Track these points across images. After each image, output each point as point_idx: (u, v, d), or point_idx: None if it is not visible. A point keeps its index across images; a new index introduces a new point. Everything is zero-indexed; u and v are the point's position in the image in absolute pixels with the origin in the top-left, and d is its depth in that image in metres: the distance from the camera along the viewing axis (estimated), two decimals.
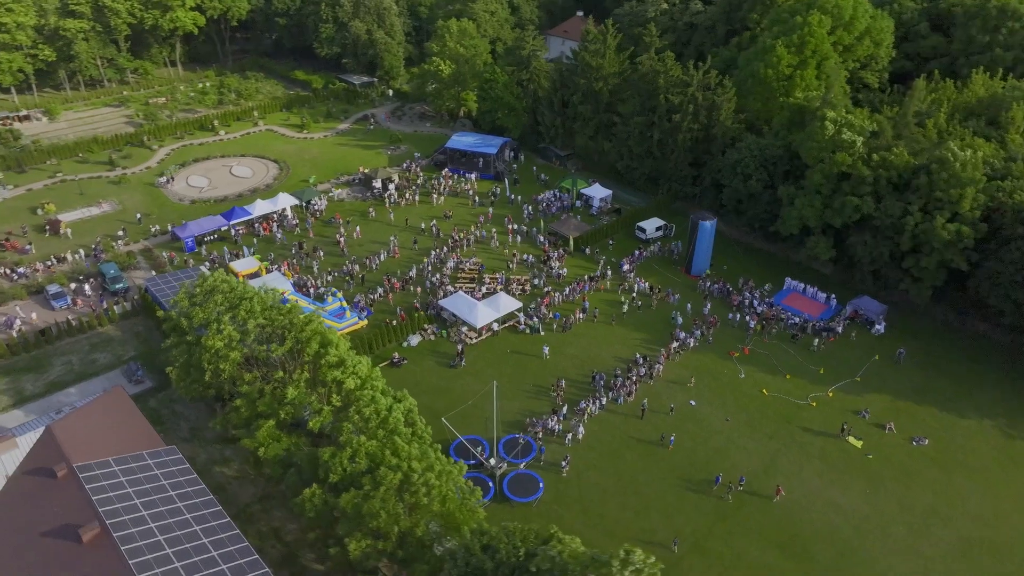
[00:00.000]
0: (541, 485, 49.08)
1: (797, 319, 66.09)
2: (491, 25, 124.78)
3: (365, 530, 37.13)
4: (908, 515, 48.17)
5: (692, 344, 63.14)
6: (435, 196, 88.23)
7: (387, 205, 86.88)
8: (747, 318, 66.30)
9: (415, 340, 63.96)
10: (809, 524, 47.51)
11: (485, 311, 64.28)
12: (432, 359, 62.24)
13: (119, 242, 78.20)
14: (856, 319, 66.42)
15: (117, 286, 70.10)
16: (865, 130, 67.28)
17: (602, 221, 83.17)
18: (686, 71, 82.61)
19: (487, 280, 71.45)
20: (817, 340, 63.44)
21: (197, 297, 51.89)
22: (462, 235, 78.97)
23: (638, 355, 61.78)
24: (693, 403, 57.11)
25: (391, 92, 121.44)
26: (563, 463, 50.75)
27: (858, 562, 45.03)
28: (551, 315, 66.72)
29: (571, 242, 77.10)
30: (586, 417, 55.15)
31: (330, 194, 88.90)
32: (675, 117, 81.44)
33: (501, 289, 69.87)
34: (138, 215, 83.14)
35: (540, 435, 53.37)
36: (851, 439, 53.71)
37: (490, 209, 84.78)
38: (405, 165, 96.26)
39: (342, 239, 78.81)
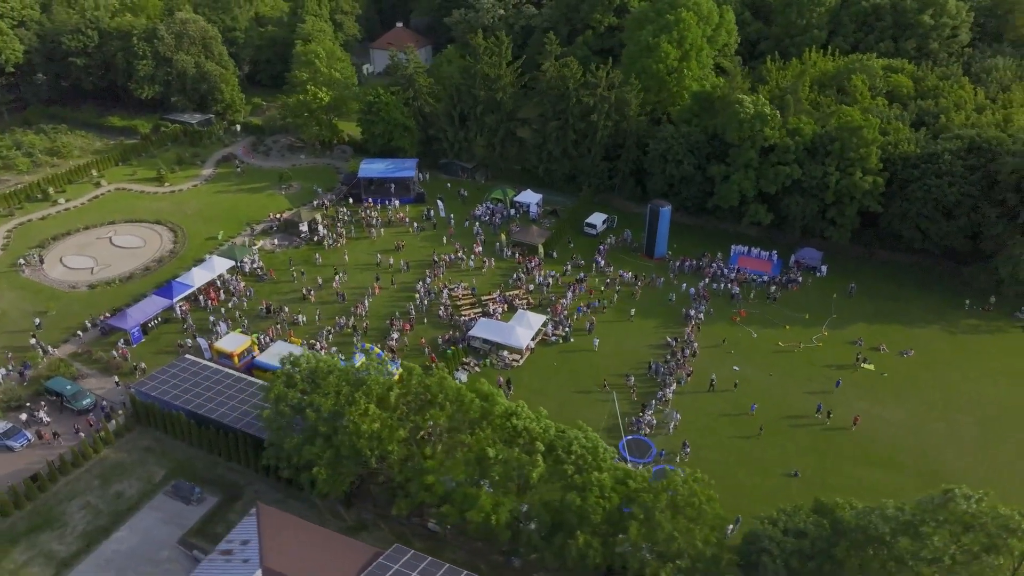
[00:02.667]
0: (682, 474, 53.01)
1: (764, 277, 76.56)
2: (323, 45, 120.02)
3: (662, 554, 38.49)
4: (937, 413, 60.27)
5: (701, 318, 70.45)
6: (372, 230, 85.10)
7: (326, 247, 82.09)
8: (727, 286, 75.29)
9: (463, 376, 63.17)
10: (880, 440, 57.43)
11: (522, 331, 65.48)
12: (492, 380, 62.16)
13: (39, 352, 65.13)
14: (800, 267, 78.65)
15: (84, 402, 59.08)
16: (773, 108, 79.18)
17: (545, 224, 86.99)
18: (591, 73, 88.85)
19: (489, 302, 72.05)
20: (774, 288, 74.32)
21: (303, 384, 47.25)
22: (441, 258, 78.48)
23: (668, 338, 67.67)
24: (736, 368, 64.49)
25: (238, 127, 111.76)
26: (685, 450, 55.08)
27: (931, 460, 55.68)
28: (576, 314, 69.97)
29: (540, 249, 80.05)
30: (670, 405, 59.82)
31: (253, 248, 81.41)
32: (593, 117, 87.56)
33: (505, 307, 71.20)
34: (36, 319, 69.31)
35: (647, 431, 57.05)
36: (865, 366, 64.99)
37: (451, 227, 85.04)
38: (317, 203, 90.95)
39: (310, 292, 73.54)
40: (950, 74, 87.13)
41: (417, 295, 73.37)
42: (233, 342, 64.12)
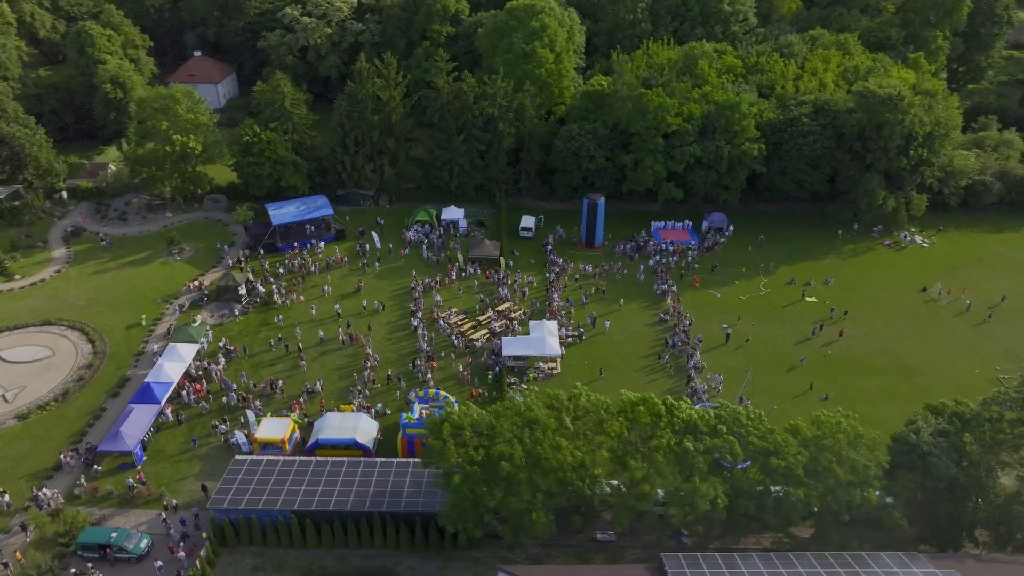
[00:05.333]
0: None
1: (693, 244, 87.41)
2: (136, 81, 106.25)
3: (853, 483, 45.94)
4: (875, 320, 75.78)
5: (675, 290, 79.07)
6: (326, 286, 79.90)
7: (280, 304, 75.78)
8: (672, 259, 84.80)
9: (519, 396, 64.38)
10: (858, 353, 70.97)
11: (551, 339, 68.23)
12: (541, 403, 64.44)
13: (44, 504, 52.95)
14: (712, 230, 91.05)
15: (142, 545, 50.35)
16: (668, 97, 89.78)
17: (478, 236, 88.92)
18: (483, 85, 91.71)
19: (492, 321, 73.26)
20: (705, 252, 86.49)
21: (476, 439, 46.41)
22: (420, 282, 78.22)
23: (661, 315, 75.28)
24: (725, 326, 74.19)
25: (64, 194, 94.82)
26: (744, 402, 63.20)
27: (899, 357, 70.50)
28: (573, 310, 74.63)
29: (501, 261, 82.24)
30: (707, 370, 67.62)
31: (194, 325, 72.31)
32: (501, 126, 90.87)
33: (505, 323, 73.19)
34: None
35: (705, 398, 64.20)
36: (809, 299, 78.85)
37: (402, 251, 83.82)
38: (233, 261, 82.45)
39: (304, 363, 67.98)
40: (764, 51, 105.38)
41: (419, 331, 71.78)
42: (274, 428, 57.98)
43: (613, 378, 66.77)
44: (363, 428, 57.83)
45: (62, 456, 57.15)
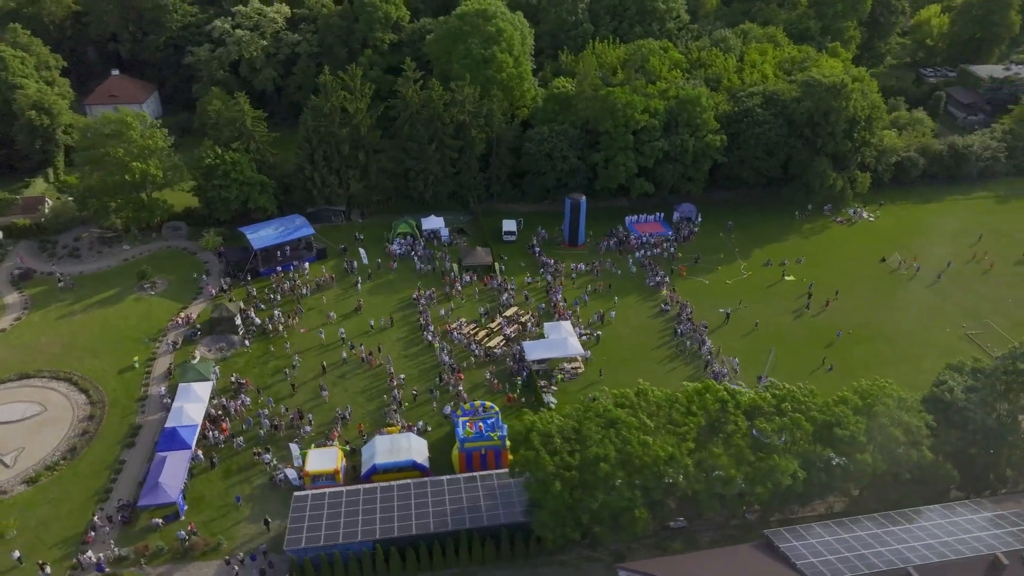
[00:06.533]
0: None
1: (670, 235, 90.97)
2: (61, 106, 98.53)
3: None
4: (849, 293, 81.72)
5: (668, 281, 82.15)
6: (324, 301, 77.68)
7: (283, 332, 72.91)
8: (655, 251, 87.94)
9: (553, 399, 65.39)
10: (843, 325, 76.59)
11: (571, 340, 69.43)
12: (577, 402, 65.76)
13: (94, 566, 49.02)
14: (683, 220, 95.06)
15: None
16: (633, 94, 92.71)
17: (462, 243, 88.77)
18: (452, 92, 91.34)
19: (504, 327, 73.61)
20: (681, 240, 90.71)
21: (566, 445, 47.18)
22: (422, 294, 77.62)
23: (662, 305, 78.14)
24: (721, 310, 77.90)
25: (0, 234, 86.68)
26: (763, 381, 66.93)
27: (878, 326, 76.52)
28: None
29: (496, 267, 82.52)
30: (721, 353, 70.95)
31: (194, 362, 68.52)
32: (473, 132, 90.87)
33: (517, 328, 73.87)
34: (14, 553, 50.71)
35: (728, 379, 67.48)
36: (788, 278, 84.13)
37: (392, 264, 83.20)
38: (216, 291, 78.34)
39: (325, 391, 65.80)
40: (704, 46, 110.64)
41: (436, 344, 71.07)
42: (324, 459, 56.05)
43: (632, 371, 68.77)
44: (416, 448, 57.00)
45: (96, 517, 52.77)
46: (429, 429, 61.94)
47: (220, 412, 62.41)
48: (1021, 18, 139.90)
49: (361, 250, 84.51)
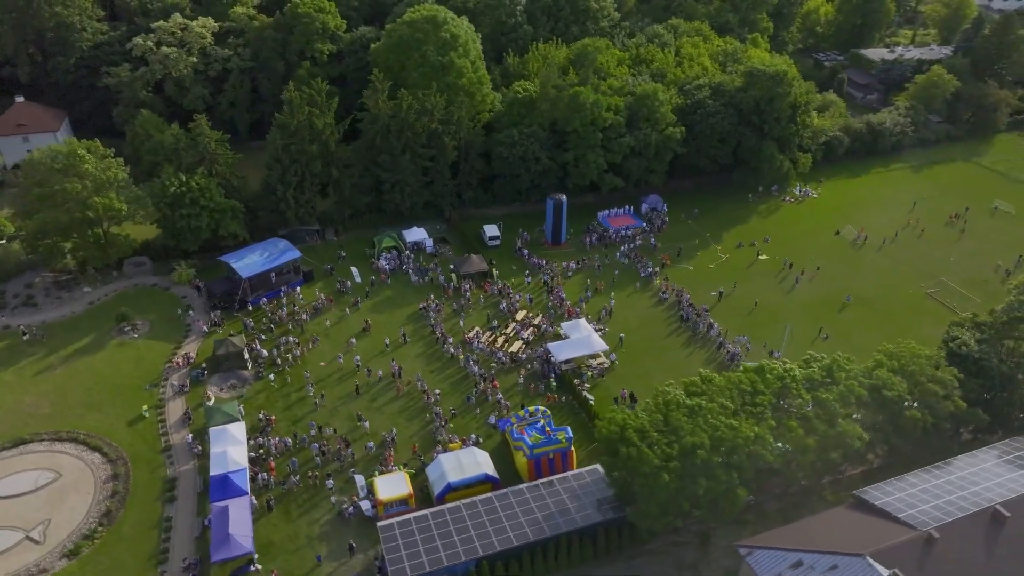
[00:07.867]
0: None
1: (644, 227, 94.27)
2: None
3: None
4: (827, 263, 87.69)
5: (658, 271, 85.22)
6: (327, 324, 74.57)
7: (292, 362, 69.85)
8: (637, 243, 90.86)
9: (591, 398, 66.56)
10: (821, 295, 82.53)
11: (594, 337, 70.85)
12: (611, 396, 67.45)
13: None
14: (652, 210, 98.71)
15: None
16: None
17: (447, 252, 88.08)
18: (422, 100, 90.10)
19: (519, 331, 73.97)
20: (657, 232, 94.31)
21: (659, 436, 48.71)
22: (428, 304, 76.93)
23: (661, 294, 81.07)
24: (714, 293, 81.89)
25: None
26: (775, 355, 71.16)
27: (857, 294, 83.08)
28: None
29: (493, 274, 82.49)
30: (731, 333, 74.65)
31: (210, 403, 64.58)
32: (445, 139, 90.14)
33: (533, 331, 74.57)
34: None
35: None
36: (762, 258, 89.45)
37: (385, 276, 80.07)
38: (207, 327, 73.70)
39: (365, 422, 63.55)
40: (641, 43, 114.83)
41: (461, 356, 70.39)
42: (396, 485, 54.54)
43: (654, 360, 71.35)
44: (482, 461, 56.64)
45: None
46: (481, 441, 61.52)
47: (261, 452, 59.08)
48: (895, 5, 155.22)
49: (353, 268, 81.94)
